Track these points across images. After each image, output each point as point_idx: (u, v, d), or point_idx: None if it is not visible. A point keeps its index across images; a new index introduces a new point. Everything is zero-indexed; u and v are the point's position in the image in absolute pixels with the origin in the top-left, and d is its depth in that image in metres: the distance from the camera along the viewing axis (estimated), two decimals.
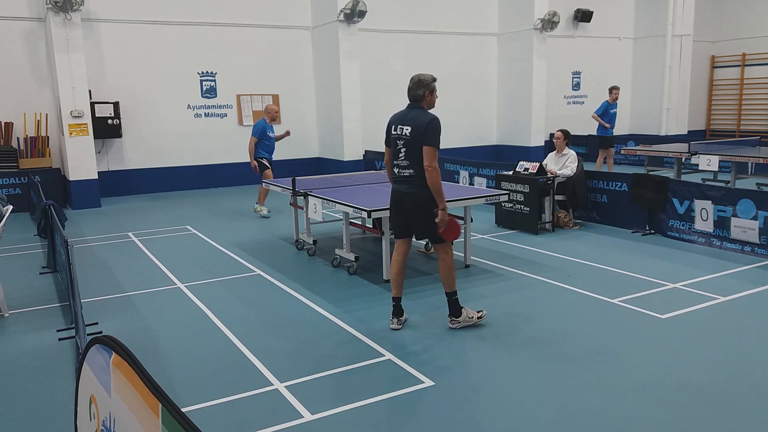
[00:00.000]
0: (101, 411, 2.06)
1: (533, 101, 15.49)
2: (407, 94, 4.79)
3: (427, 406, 3.65)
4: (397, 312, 4.93)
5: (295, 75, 13.94)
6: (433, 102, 4.83)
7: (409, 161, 4.71)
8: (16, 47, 11.27)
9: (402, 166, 4.77)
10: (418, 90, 4.73)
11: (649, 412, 3.52)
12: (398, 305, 4.94)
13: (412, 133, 4.66)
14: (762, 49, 19.31)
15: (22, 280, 6.56)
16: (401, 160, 4.77)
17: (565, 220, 8.47)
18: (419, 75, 4.79)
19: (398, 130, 4.78)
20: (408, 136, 4.68)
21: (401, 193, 4.80)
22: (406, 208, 4.79)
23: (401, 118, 4.82)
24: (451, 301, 4.87)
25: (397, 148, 4.79)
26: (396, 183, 4.88)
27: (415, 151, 4.65)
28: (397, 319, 4.92)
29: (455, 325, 4.87)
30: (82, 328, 4.02)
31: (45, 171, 11.18)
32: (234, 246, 7.87)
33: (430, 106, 4.81)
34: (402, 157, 4.75)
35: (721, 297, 5.47)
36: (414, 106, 4.79)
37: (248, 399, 3.78)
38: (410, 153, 4.69)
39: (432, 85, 4.77)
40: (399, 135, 4.76)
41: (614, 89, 12.49)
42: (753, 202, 6.80)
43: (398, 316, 4.93)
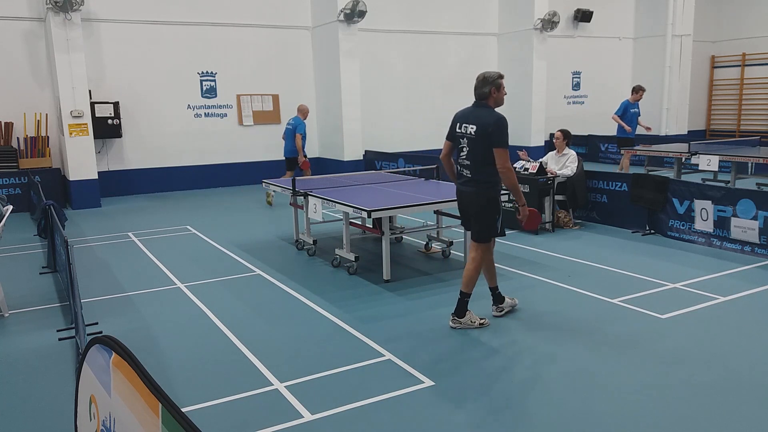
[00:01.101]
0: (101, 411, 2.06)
1: (533, 101, 15.48)
2: (474, 93, 4.72)
3: (427, 406, 3.65)
4: (497, 300, 5.09)
5: (295, 75, 13.94)
6: (501, 99, 4.73)
7: (470, 161, 4.70)
8: (16, 47, 11.27)
9: (463, 165, 4.79)
10: (484, 88, 4.65)
11: (649, 412, 3.52)
12: (496, 294, 5.08)
13: (477, 132, 4.60)
14: (762, 49, 19.31)
15: (22, 280, 6.56)
16: (463, 159, 4.77)
17: (565, 220, 8.47)
18: (485, 73, 4.72)
19: (462, 129, 4.72)
20: (473, 135, 4.63)
21: (462, 192, 4.88)
22: (466, 208, 4.87)
23: (466, 116, 4.74)
24: (462, 301, 4.87)
25: (460, 146, 4.76)
26: (459, 182, 4.91)
27: (478, 150, 4.62)
28: (497, 306, 5.10)
29: (456, 325, 4.89)
30: (82, 328, 4.02)
31: (45, 171, 11.18)
32: (234, 246, 7.87)
33: (498, 104, 4.72)
34: (464, 156, 4.75)
35: (721, 297, 5.47)
36: (480, 104, 4.70)
37: (248, 399, 3.78)
38: (473, 152, 4.67)
39: (498, 81, 4.66)
40: (463, 133, 4.71)
41: (640, 89, 12.02)
42: (753, 202, 6.80)
43: (499, 303, 5.09)
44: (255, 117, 13.65)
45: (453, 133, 4.82)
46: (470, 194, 4.76)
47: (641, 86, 12.23)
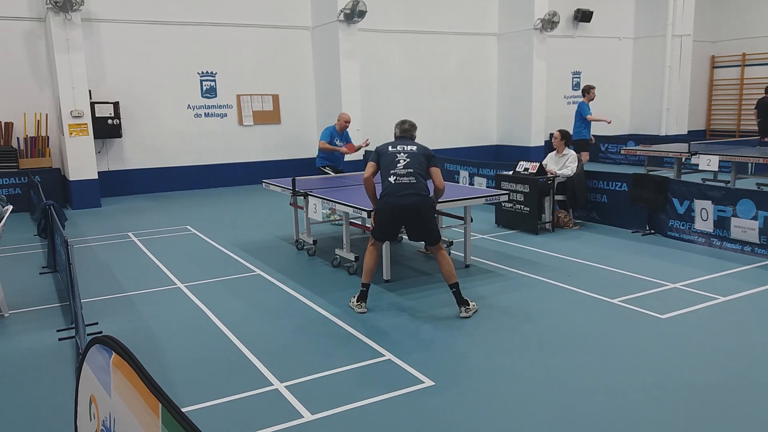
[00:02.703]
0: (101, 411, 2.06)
1: (533, 101, 15.49)
2: (402, 132, 5.56)
3: (427, 406, 3.65)
4: (365, 297, 5.36)
5: (295, 75, 13.94)
6: None
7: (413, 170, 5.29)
8: (16, 47, 11.27)
9: (402, 175, 5.27)
10: (413, 131, 5.60)
11: (649, 412, 3.52)
12: (368, 291, 5.38)
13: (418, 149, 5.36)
14: (762, 49, 19.31)
15: (22, 280, 6.56)
16: (401, 169, 5.28)
17: (565, 220, 8.47)
18: (411, 121, 5.65)
19: (399, 148, 5.36)
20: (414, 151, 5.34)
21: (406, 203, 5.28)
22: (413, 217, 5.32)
23: (395, 143, 5.46)
24: (458, 291, 5.18)
25: (396, 160, 5.29)
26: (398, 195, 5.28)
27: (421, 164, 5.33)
28: (364, 303, 5.34)
29: (468, 314, 5.13)
30: (82, 328, 4.02)
31: (45, 171, 11.18)
32: (234, 246, 7.87)
33: None
34: (402, 166, 5.28)
35: (721, 297, 5.47)
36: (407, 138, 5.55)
37: (248, 399, 3.78)
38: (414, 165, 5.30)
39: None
40: (400, 151, 5.34)
41: (591, 89, 11.44)
42: (753, 202, 6.80)
43: (365, 300, 5.36)
44: (255, 117, 13.64)
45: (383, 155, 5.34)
46: (418, 203, 5.18)
47: (592, 85, 11.65)
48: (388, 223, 5.29)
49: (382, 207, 5.27)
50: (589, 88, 11.50)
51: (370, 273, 5.36)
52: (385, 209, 5.25)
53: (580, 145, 11.45)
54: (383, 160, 5.30)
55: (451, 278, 5.19)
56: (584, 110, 11.35)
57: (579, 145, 11.44)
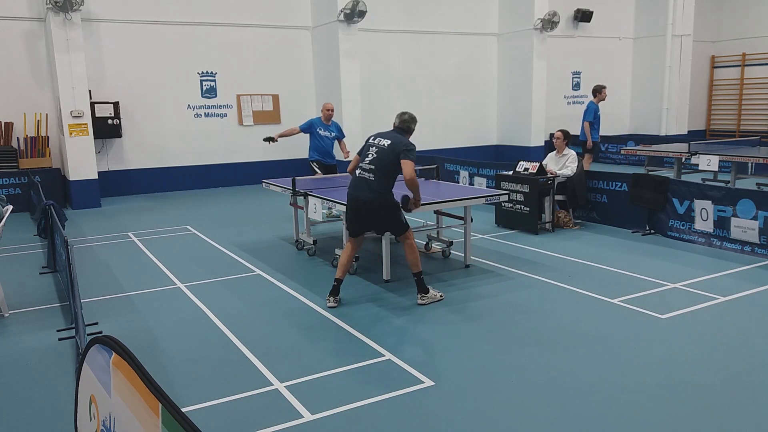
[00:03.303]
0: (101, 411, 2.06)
1: (533, 101, 15.48)
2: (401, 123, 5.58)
3: (427, 406, 3.65)
4: (337, 291, 5.46)
5: (295, 75, 13.94)
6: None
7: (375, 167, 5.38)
8: (16, 47, 11.27)
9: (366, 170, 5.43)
10: (411, 124, 5.61)
11: (649, 412, 3.52)
12: (339, 286, 5.48)
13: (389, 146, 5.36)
14: (762, 49, 19.31)
15: (22, 280, 6.56)
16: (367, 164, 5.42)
17: (565, 220, 8.47)
18: (412, 114, 5.65)
19: (376, 141, 5.44)
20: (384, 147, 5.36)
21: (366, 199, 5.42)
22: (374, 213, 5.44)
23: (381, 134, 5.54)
24: (420, 280, 5.44)
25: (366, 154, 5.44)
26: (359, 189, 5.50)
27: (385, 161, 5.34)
28: (334, 298, 5.44)
29: (425, 301, 5.42)
30: (82, 328, 4.02)
31: (45, 171, 11.18)
32: (234, 246, 7.87)
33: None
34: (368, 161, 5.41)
35: (721, 297, 5.47)
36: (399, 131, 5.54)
37: (248, 399, 3.78)
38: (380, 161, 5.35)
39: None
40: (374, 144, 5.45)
41: (603, 89, 11.41)
42: (753, 202, 6.80)
43: (337, 294, 5.46)
44: (255, 117, 13.64)
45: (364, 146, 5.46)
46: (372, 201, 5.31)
47: (603, 85, 11.59)
48: (350, 214, 5.45)
49: (347, 196, 5.49)
50: (601, 88, 11.42)
51: (343, 268, 5.49)
52: (347, 199, 5.47)
53: (585, 147, 11.43)
54: (362, 151, 5.47)
55: (414, 267, 5.42)
56: (587, 113, 11.26)
57: (584, 146, 11.42)
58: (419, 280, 5.44)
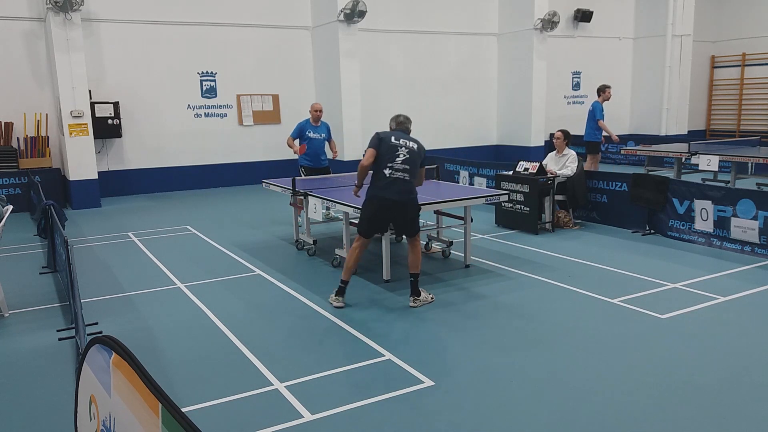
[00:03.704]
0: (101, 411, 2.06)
1: (533, 101, 15.48)
2: (400, 125, 5.58)
3: (427, 406, 3.65)
4: (343, 292, 5.44)
5: (295, 75, 13.93)
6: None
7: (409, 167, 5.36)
8: (16, 47, 11.27)
9: (398, 170, 5.31)
10: (408, 124, 5.62)
11: (649, 412, 3.52)
12: (346, 288, 5.46)
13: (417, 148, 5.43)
14: (762, 49, 19.31)
15: (22, 280, 6.56)
16: (399, 164, 5.31)
17: (565, 220, 8.47)
18: (406, 115, 5.68)
19: (401, 142, 5.38)
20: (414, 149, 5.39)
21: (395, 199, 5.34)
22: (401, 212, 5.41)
23: (398, 135, 5.47)
24: (416, 282, 5.45)
25: (396, 154, 5.30)
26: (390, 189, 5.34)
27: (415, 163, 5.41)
28: (341, 298, 5.42)
29: (416, 304, 5.39)
30: (82, 328, 4.02)
31: (45, 171, 11.18)
32: (234, 246, 7.87)
33: None
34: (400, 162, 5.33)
35: (721, 297, 5.47)
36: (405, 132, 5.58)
37: (248, 399, 3.78)
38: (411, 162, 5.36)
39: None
40: (401, 145, 5.37)
41: (607, 88, 11.37)
42: (753, 202, 6.80)
43: (343, 295, 5.44)
44: (255, 117, 13.64)
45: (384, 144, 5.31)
46: (408, 201, 5.33)
47: (608, 84, 11.54)
48: (375, 216, 5.34)
49: (371, 198, 5.32)
50: (605, 88, 11.38)
51: (350, 271, 5.44)
52: (373, 200, 5.30)
53: (591, 148, 11.30)
54: (383, 148, 5.28)
55: (415, 268, 5.43)
56: (597, 112, 11.16)
57: (591, 147, 11.31)
58: (416, 281, 5.43)
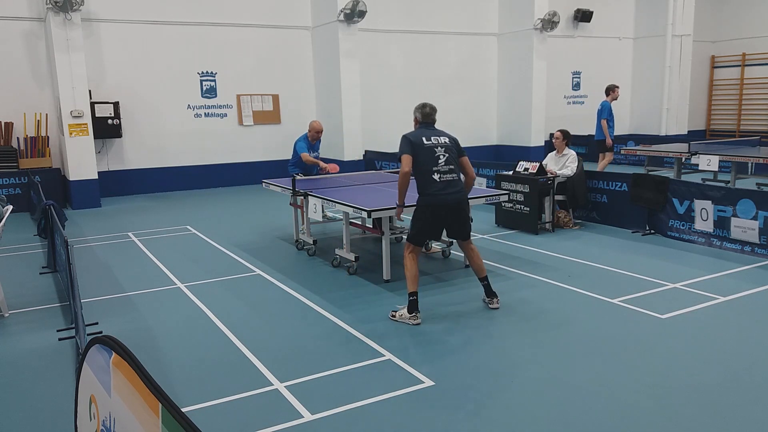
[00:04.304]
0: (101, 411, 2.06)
1: (533, 101, 15.49)
2: (429, 117, 5.25)
3: (427, 406, 3.65)
4: (416, 306, 5.05)
5: (295, 75, 13.94)
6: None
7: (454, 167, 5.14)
8: (16, 47, 11.27)
9: (444, 172, 5.08)
10: (434, 115, 5.28)
11: (649, 412, 3.52)
12: (417, 300, 5.09)
13: (450, 141, 5.20)
14: (762, 49, 19.31)
15: (22, 280, 6.56)
16: (442, 166, 5.08)
17: (565, 220, 8.47)
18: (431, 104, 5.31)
19: (434, 140, 5.11)
20: (449, 144, 5.15)
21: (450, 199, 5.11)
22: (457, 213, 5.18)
23: (428, 133, 5.17)
24: (488, 284, 5.35)
25: (436, 155, 5.06)
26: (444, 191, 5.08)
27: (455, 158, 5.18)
28: (418, 313, 5.04)
29: (497, 305, 5.32)
30: (82, 328, 4.02)
31: (45, 171, 11.18)
32: (234, 246, 7.87)
33: None
34: (442, 163, 5.08)
35: (721, 297, 5.47)
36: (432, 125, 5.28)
37: (248, 399, 3.78)
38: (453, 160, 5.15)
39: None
40: (437, 144, 5.11)
41: (616, 87, 11.82)
42: (753, 202, 6.80)
43: (417, 310, 5.06)
44: (255, 117, 13.65)
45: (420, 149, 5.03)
46: (463, 199, 5.15)
47: (616, 84, 12.05)
48: (434, 223, 5.10)
49: (427, 205, 5.03)
50: (613, 87, 11.76)
51: (416, 279, 5.09)
52: (431, 207, 5.03)
53: (602, 146, 11.67)
54: (421, 154, 4.99)
55: (482, 271, 5.31)
56: (604, 111, 11.57)
57: (601, 145, 11.68)
58: (488, 284, 5.33)
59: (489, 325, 4.95)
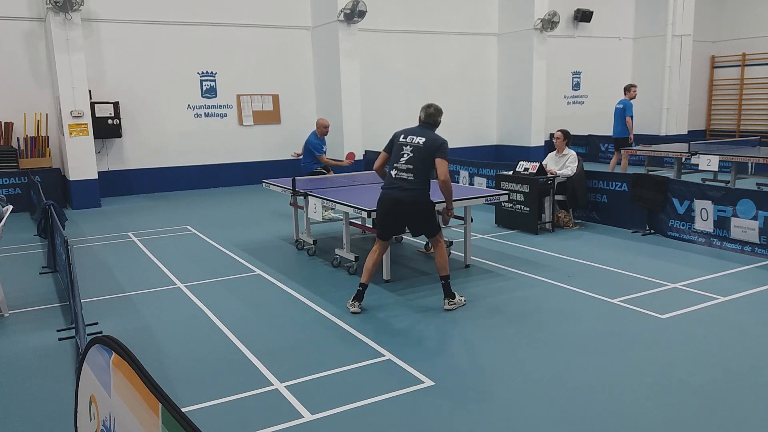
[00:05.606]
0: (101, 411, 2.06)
1: (533, 101, 15.49)
2: (426, 117, 5.37)
3: (427, 406, 3.65)
4: (360, 297, 5.30)
5: (295, 75, 13.94)
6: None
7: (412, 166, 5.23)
8: (16, 47, 11.27)
9: (402, 170, 5.25)
10: (438, 117, 5.39)
11: (649, 412, 3.52)
12: (364, 291, 5.32)
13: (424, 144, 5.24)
14: (762, 49, 19.31)
15: (22, 280, 6.56)
16: (402, 164, 5.25)
17: (565, 220, 8.47)
18: (437, 105, 5.43)
19: (408, 139, 5.26)
20: (420, 145, 5.22)
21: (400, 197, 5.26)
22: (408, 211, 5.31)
23: (412, 131, 5.34)
24: (447, 284, 5.33)
25: (401, 153, 5.25)
26: (394, 187, 5.31)
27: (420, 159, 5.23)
28: (358, 303, 5.28)
29: (451, 306, 5.29)
30: (82, 328, 4.02)
31: (45, 171, 11.17)
32: (234, 246, 7.87)
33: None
34: (404, 162, 5.24)
35: (721, 297, 5.47)
36: (427, 126, 5.38)
37: (248, 399, 3.78)
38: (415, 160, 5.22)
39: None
40: (408, 143, 5.27)
41: (633, 86, 12.31)
42: (753, 202, 6.80)
43: (360, 300, 5.30)
44: (255, 117, 13.65)
45: (395, 145, 5.31)
46: (412, 198, 5.21)
47: (633, 84, 12.59)
48: (384, 216, 5.33)
49: (381, 198, 5.34)
50: (630, 87, 12.21)
51: (368, 273, 5.31)
52: (381, 201, 5.33)
53: (622, 143, 12.11)
54: (393, 150, 5.31)
55: (443, 270, 5.33)
56: (628, 109, 12.00)
57: (621, 142, 12.14)
58: (447, 284, 5.32)
59: (489, 325, 4.95)
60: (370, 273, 5.32)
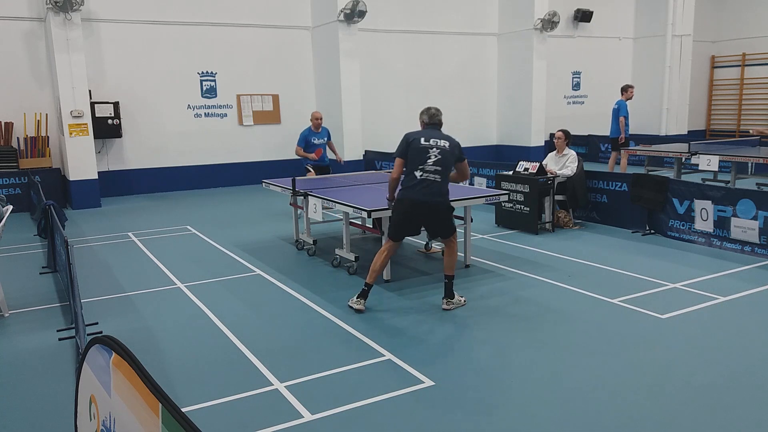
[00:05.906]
0: (101, 411, 2.06)
1: (533, 101, 15.49)
2: (432, 119, 5.39)
3: (427, 406, 3.65)
4: (365, 295, 5.30)
5: (295, 75, 13.94)
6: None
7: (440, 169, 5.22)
8: (16, 47, 11.27)
9: (430, 172, 5.19)
10: (440, 116, 5.42)
11: (649, 412, 3.52)
12: (369, 291, 5.32)
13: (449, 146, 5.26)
14: (762, 49, 19.31)
15: (22, 280, 6.56)
16: (431, 166, 5.19)
17: (565, 220, 8.47)
18: (436, 108, 5.46)
19: (432, 142, 5.22)
20: (446, 148, 5.22)
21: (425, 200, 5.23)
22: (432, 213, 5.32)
23: (428, 134, 5.30)
24: (450, 284, 5.34)
25: (427, 156, 5.18)
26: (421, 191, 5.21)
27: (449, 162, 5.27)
28: (364, 300, 5.28)
29: (450, 306, 5.30)
30: (82, 328, 4.02)
31: (45, 171, 11.17)
32: (234, 246, 7.87)
33: None
34: (432, 164, 5.19)
35: (721, 297, 5.47)
36: (436, 127, 5.40)
37: (248, 399, 3.78)
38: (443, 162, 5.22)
39: None
40: (432, 146, 5.22)
41: (630, 87, 12.34)
42: (753, 202, 6.80)
43: (365, 298, 5.30)
44: (255, 117, 13.65)
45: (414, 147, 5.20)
46: (439, 202, 5.24)
47: (631, 84, 12.65)
48: (405, 218, 5.23)
49: (401, 199, 5.20)
50: (627, 87, 12.29)
51: (375, 274, 5.29)
52: (404, 202, 5.19)
53: (618, 143, 12.17)
54: (413, 152, 5.17)
55: (449, 270, 5.34)
56: (622, 109, 12.06)
57: (617, 143, 12.19)
58: (450, 283, 5.33)
59: (489, 325, 4.95)
60: (377, 274, 5.31)
